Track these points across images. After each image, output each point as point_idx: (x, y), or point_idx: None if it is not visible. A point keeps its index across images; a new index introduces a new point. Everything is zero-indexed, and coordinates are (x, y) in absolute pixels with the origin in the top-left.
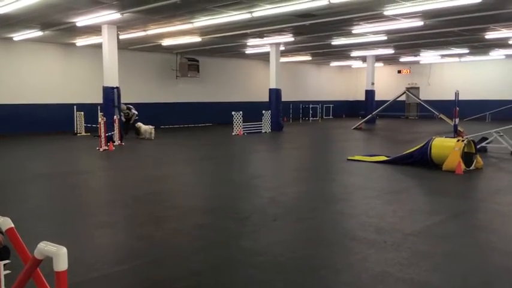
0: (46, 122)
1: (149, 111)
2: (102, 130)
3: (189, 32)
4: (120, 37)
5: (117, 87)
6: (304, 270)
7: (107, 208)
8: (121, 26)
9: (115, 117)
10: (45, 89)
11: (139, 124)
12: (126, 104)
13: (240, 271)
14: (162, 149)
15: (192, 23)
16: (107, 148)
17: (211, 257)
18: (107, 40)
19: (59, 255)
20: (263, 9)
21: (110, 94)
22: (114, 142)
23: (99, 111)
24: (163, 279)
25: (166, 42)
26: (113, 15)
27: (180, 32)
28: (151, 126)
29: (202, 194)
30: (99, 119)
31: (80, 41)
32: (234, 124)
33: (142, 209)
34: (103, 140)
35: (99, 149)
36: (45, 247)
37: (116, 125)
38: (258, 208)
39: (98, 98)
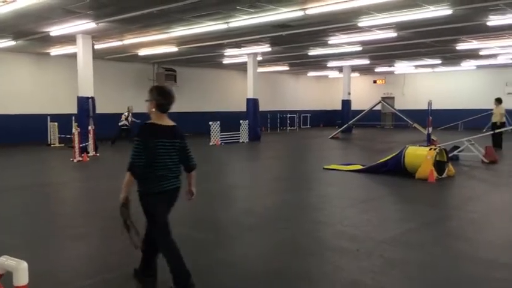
0: (19, 132)
1: None
2: (76, 141)
3: (166, 42)
4: (96, 47)
5: (92, 97)
6: (279, 280)
7: (79, 220)
8: (96, 35)
9: (89, 127)
10: (18, 99)
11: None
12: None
13: (213, 282)
14: None
15: (168, 32)
16: (81, 159)
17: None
18: (81, 50)
19: (19, 270)
20: (239, 19)
21: (85, 104)
22: (88, 153)
23: (73, 121)
24: None
25: (142, 52)
26: (88, 24)
27: (157, 42)
28: None
29: (177, 204)
30: (73, 130)
31: (54, 51)
32: (212, 134)
33: (115, 220)
34: (77, 151)
35: (73, 160)
36: (6, 261)
37: (91, 136)
38: (234, 218)
39: (72, 108)
